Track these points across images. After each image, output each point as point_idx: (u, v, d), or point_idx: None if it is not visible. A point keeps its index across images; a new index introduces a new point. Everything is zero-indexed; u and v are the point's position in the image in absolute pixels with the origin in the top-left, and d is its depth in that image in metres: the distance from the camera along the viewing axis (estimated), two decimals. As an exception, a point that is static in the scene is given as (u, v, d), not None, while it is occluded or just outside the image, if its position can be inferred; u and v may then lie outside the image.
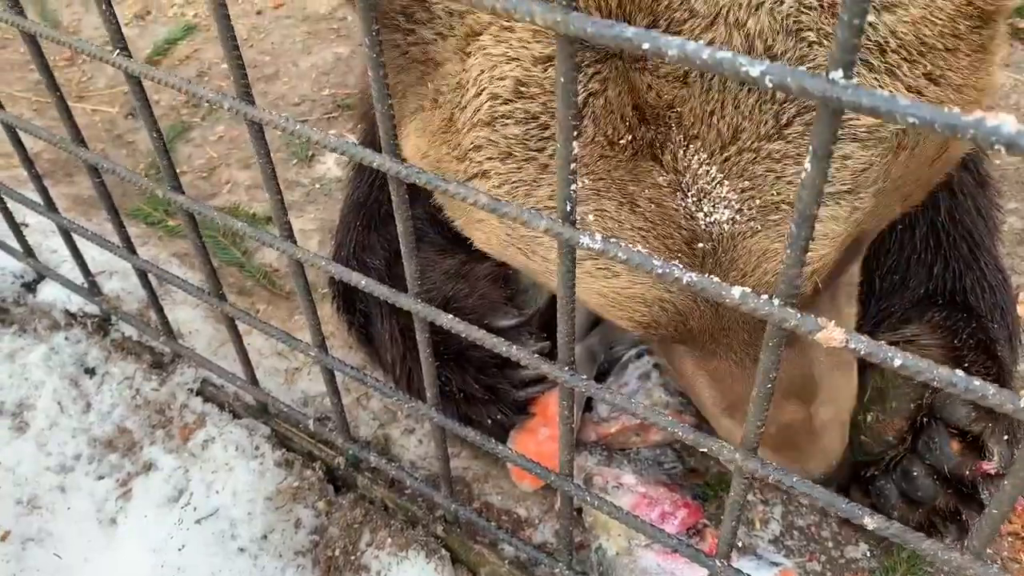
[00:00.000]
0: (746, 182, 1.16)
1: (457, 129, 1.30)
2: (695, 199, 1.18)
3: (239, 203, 2.72)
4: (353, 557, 1.70)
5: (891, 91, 1.12)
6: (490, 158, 1.27)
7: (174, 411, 1.96)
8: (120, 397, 1.99)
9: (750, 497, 1.82)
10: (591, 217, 1.24)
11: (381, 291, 1.24)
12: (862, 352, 0.79)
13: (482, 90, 1.23)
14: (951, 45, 1.16)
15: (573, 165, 0.89)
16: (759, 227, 1.19)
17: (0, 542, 1.77)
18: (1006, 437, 1.53)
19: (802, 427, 1.48)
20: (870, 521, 0.94)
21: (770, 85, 0.67)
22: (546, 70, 1.17)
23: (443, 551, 1.67)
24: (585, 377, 1.10)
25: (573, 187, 0.90)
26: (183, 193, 1.45)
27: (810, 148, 0.70)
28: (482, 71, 1.22)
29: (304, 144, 2.92)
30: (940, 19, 1.14)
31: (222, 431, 1.89)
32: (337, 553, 1.71)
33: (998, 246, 1.89)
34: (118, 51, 1.27)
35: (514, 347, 1.16)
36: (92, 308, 2.14)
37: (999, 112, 0.62)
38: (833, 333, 0.79)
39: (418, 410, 1.44)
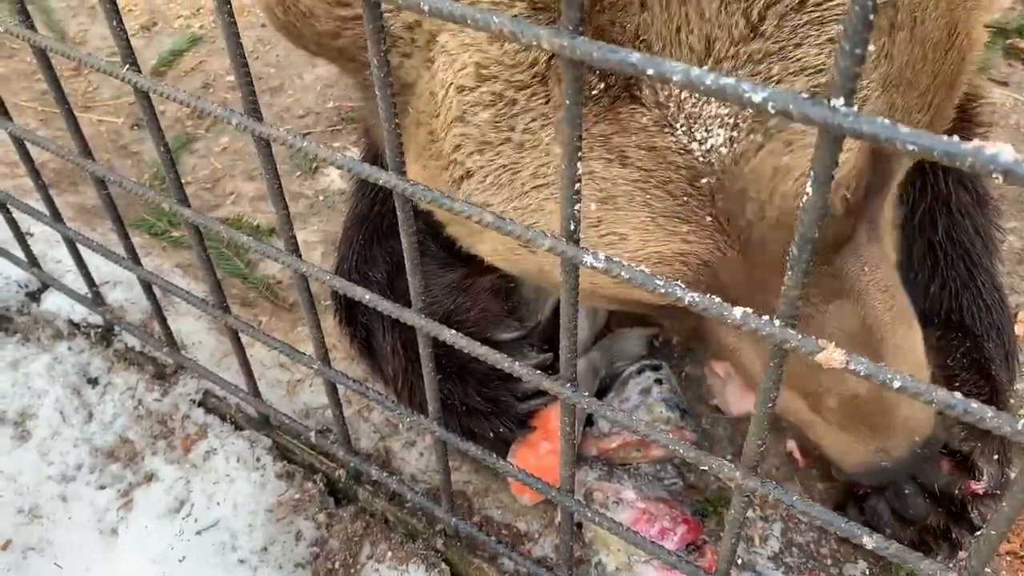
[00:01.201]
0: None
1: (438, 137, 1.28)
2: (685, 129, 1.12)
3: (243, 214, 2.74)
4: (353, 570, 1.70)
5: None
6: (469, 154, 1.25)
7: (176, 422, 1.96)
8: (122, 407, 1.99)
9: (749, 514, 1.83)
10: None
11: (385, 306, 1.25)
12: (862, 373, 0.80)
13: (449, 86, 1.22)
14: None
15: (577, 185, 0.90)
16: (761, 139, 1.11)
17: (1, 551, 1.77)
18: (996, 457, 1.54)
19: (870, 397, 1.35)
20: (869, 540, 0.94)
21: (773, 111, 0.68)
22: (502, 45, 1.14)
23: (443, 565, 1.68)
24: (587, 394, 1.11)
25: (577, 207, 0.92)
26: (189, 206, 1.46)
27: (811, 173, 0.71)
28: (446, 69, 1.21)
29: (308, 157, 2.94)
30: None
31: (224, 442, 1.89)
32: (337, 566, 1.72)
33: (997, 265, 1.90)
34: (127, 66, 1.28)
35: (516, 363, 1.17)
36: (95, 318, 2.15)
37: (997, 141, 0.63)
38: (833, 354, 0.80)
39: (420, 424, 1.45)
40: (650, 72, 0.73)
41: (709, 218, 1.19)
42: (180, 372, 2.06)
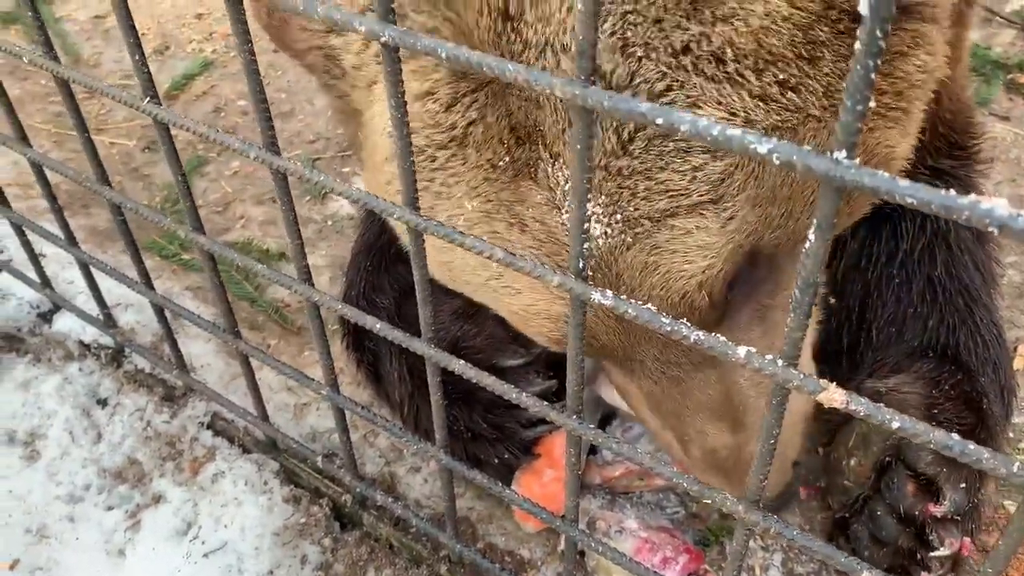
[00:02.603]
0: (604, 197, 1.17)
1: (377, 168, 1.39)
2: (569, 215, 1.20)
3: (252, 238, 2.77)
4: (357, 594, 1.72)
5: (734, 99, 1.15)
6: (398, 191, 1.33)
7: (184, 444, 1.99)
8: (131, 429, 2.02)
9: (751, 543, 1.84)
10: (485, 239, 1.26)
11: (395, 336, 1.28)
12: (861, 413, 0.82)
13: (383, 130, 1.32)
14: (809, 53, 1.17)
15: (586, 224, 0.93)
16: (630, 240, 1.21)
17: (9, 571, 1.79)
18: (963, 485, 1.56)
19: (727, 455, 1.48)
20: None
21: (777, 163, 0.71)
22: (424, 104, 1.22)
23: (446, 591, 1.69)
24: (592, 426, 1.13)
25: (587, 245, 0.94)
26: (204, 234, 1.49)
27: (814, 222, 0.74)
28: (381, 115, 1.31)
29: (323, 188, 2.98)
30: (787, 29, 1.14)
31: (231, 465, 1.91)
32: (341, 590, 1.73)
33: (996, 301, 1.92)
34: (148, 98, 1.32)
35: (523, 393, 1.19)
36: (106, 339, 2.18)
37: (993, 197, 0.66)
38: (834, 395, 0.83)
39: (426, 451, 1.47)
40: (659, 121, 0.76)
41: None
42: (189, 394, 2.09)
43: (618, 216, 1.19)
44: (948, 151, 1.88)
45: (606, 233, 1.20)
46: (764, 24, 1.13)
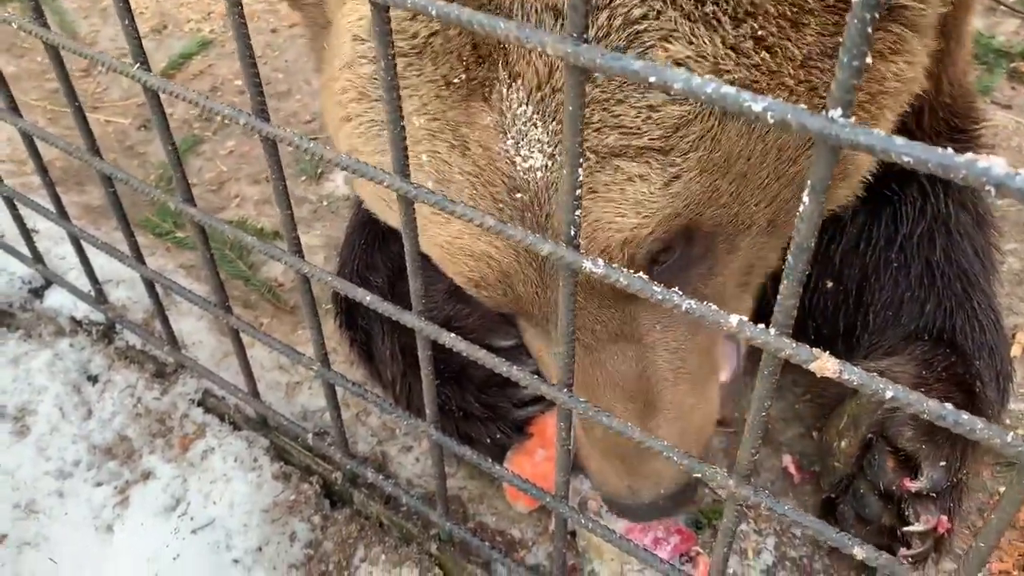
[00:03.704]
0: (556, 124, 1.14)
1: (334, 77, 1.35)
2: (514, 142, 1.18)
3: (247, 217, 2.75)
4: (347, 572, 1.71)
5: (705, 41, 1.12)
6: (351, 99, 1.32)
7: (175, 421, 1.97)
8: (121, 405, 2.00)
9: (743, 527, 1.83)
10: (424, 157, 1.25)
11: (385, 308, 1.26)
12: (854, 383, 0.81)
13: (346, 32, 1.29)
14: (794, 17, 1.14)
15: (578, 191, 0.91)
16: None
17: (-4, 545, 1.78)
18: (943, 463, 1.54)
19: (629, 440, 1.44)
20: (859, 551, 0.95)
21: (772, 121, 0.69)
22: (392, 9, 1.17)
23: (436, 569, 1.68)
24: (583, 399, 1.12)
25: (578, 212, 0.93)
26: (195, 206, 1.47)
27: (808, 183, 0.72)
28: (349, 15, 1.28)
29: (313, 161, 2.96)
30: None
31: (221, 442, 1.90)
32: (331, 568, 1.72)
33: (995, 286, 1.91)
34: (138, 64, 1.30)
35: (514, 367, 1.18)
36: (97, 316, 2.16)
37: (992, 155, 0.64)
38: (827, 363, 0.81)
39: (417, 427, 1.46)
40: (652, 79, 0.74)
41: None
42: (180, 371, 2.07)
43: (560, 144, 1.14)
44: (949, 135, 1.86)
45: (546, 166, 1.17)
46: None
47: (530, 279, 1.31)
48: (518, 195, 1.21)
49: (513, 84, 1.15)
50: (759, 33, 1.14)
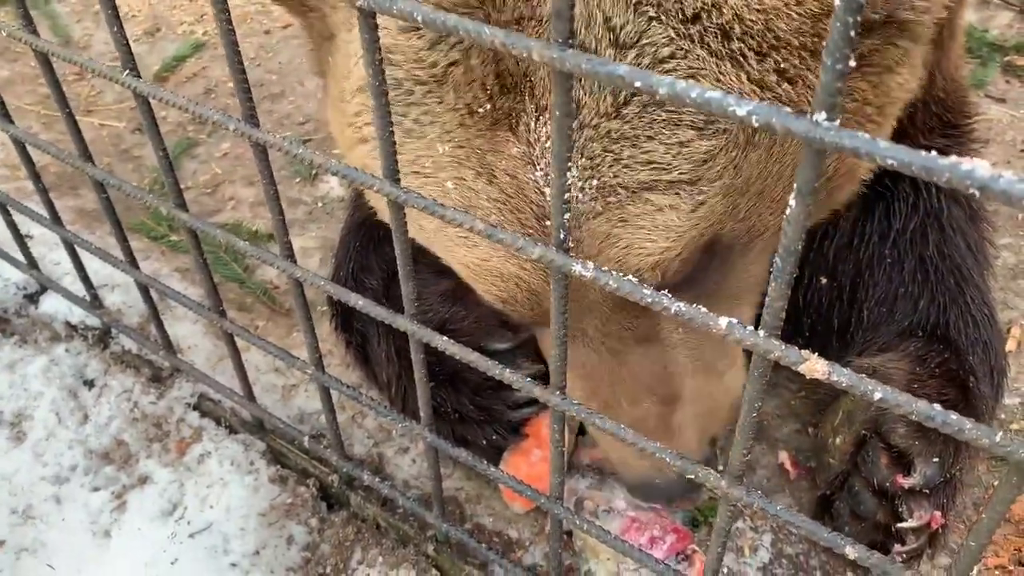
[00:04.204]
0: (585, 160, 1.16)
1: (345, 99, 1.35)
2: (544, 173, 1.19)
3: (242, 220, 2.75)
4: (344, 575, 1.71)
5: (732, 79, 1.14)
6: (367, 123, 1.32)
7: (171, 425, 1.97)
8: (118, 410, 2.00)
9: (739, 524, 1.83)
10: (450, 185, 1.25)
11: (378, 312, 1.26)
12: (844, 384, 0.81)
13: (359, 57, 1.28)
14: (812, 46, 1.16)
15: (567, 195, 0.91)
16: (600, 208, 1.19)
17: (-6, 551, 1.78)
18: (936, 459, 1.55)
19: (656, 426, 1.47)
20: (852, 551, 0.95)
21: (756, 124, 0.69)
22: (409, 39, 1.19)
23: (434, 571, 1.68)
24: (577, 401, 1.12)
25: (567, 216, 0.93)
26: (187, 211, 1.47)
27: (795, 186, 0.73)
28: (359, 39, 1.27)
29: (306, 164, 2.96)
30: (798, 15, 1.13)
31: (218, 446, 1.90)
32: (328, 570, 1.72)
33: (988, 281, 1.91)
34: (128, 71, 1.30)
35: (507, 370, 1.18)
36: (93, 320, 2.16)
37: (977, 158, 0.64)
38: (816, 365, 0.81)
39: (412, 430, 1.46)
40: (637, 84, 0.74)
41: None
42: (176, 375, 2.07)
43: (594, 181, 1.17)
44: (942, 130, 1.87)
45: (577, 198, 1.19)
46: (776, 5, 1.12)
47: None
48: (547, 222, 1.23)
49: (540, 118, 1.16)
50: (782, 66, 1.16)
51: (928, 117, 1.84)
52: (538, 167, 1.19)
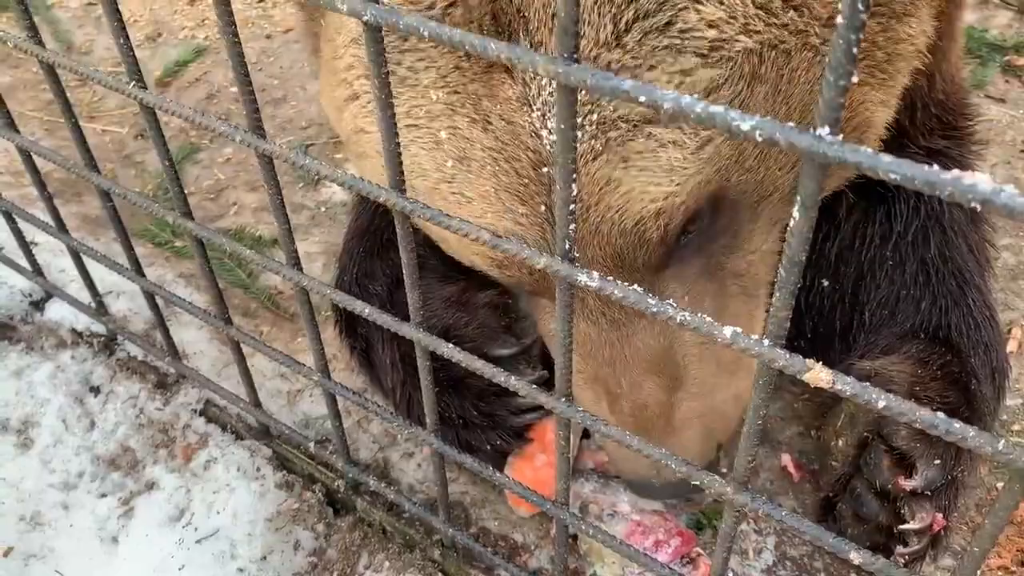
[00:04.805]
0: (584, 93, 1.13)
1: (338, 55, 1.33)
2: (540, 114, 1.16)
3: (245, 225, 2.76)
4: (351, 579, 1.72)
5: (736, 1, 1.12)
6: (358, 76, 1.30)
7: (177, 431, 1.98)
8: (124, 416, 2.01)
9: (744, 527, 1.84)
10: (443, 134, 1.23)
11: (384, 320, 1.27)
12: (848, 393, 0.82)
13: (353, 31, 1.27)
14: None
15: (572, 206, 0.92)
16: (600, 147, 1.16)
17: (2, 558, 1.79)
18: (938, 461, 1.56)
19: (659, 413, 1.43)
20: (856, 556, 0.96)
21: (760, 139, 0.70)
22: None
23: (440, 575, 1.69)
24: (581, 408, 1.13)
25: (572, 227, 0.94)
26: (192, 219, 1.48)
27: (797, 198, 0.73)
28: None
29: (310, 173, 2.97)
30: None
31: (224, 452, 1.91)
32: (335, 575, 1.73)
33: (990, 283, 1.92)
34: (133, 82, 1.31)
35: (512, 377, 1.19)
36: (98, 327, 2.17)
37: (977, 172, 0.65)
38: (820, 374, 0.82)
39: (418, 436, 1.47)
40: (642, 99, 0.75)
41: (543, 207, 1.25)
42: (181, 382, 2.08)
43: (594, 116, 1.14)
44: (942, 131, 1.87)
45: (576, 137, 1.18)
46: None
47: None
48: (544, 169, 1.19)
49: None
50: None
51: (928, 118, 1.85)
52: (534, 107, 1.16)
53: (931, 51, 1.70)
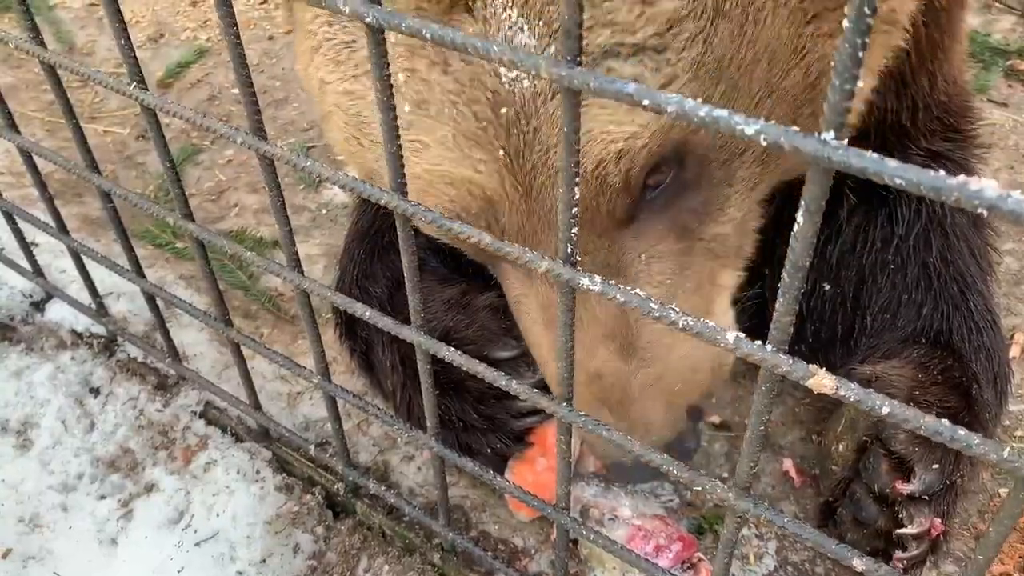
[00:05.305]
0: (543, 26, 1.10)
1: (306, 8, 1.31)
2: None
3: (246, 227, 2.75)
4: (350, 583, 1.71)
5: None
6: (321, 24, 1.28)
7: (177, 433, 1.98)
8: (124, 417, 2.01)
9: (745, 531, 1.83)
10: (401, 77, 1.19)
11: (384, 323, 1.27)
12: (851, 399, 0.81)
13: None
14: None
15: (574, 210, 0.92)
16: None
17: (1, 560, 1.79)
18: (936, 466, 1.55)
19: (616, 382, 1.38)
20: (859, 563, 0.95)
21: (764, 143, 0.70)
22: None
23: (439, 579, 1.69)
24: (583, 413, 1.13)
25: (574, 231, 0.93)
26: (194, 221, 1.48)
27: (802, 202, 0.73)
28: None
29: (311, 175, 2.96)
30: None
31: (224, 454, 1.91)
32: (334, 579, 1.73)
33: (992, 287, 1.91)
34: (134, 83, 1.30)
35: (514, 381, 1.18)
36: (98, 328, 2.17)
37: (980, 164, 0.64)
38: (824, 380, 0.82)
39: (418, 439, 1.46)
40: (646, 103, 0.74)
41: (502, 151, 1.21)
42: (181, 383, 2.08)
43: (552, 48, 1.11)
44: (944, 133, 1.87)
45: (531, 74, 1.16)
46: None
47: (516, 206, 1.25)
48: (503, 110, 1.16)
49: None
50: None
51: (930, 120, 1.84)
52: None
53: (931, 50, 1.69)
